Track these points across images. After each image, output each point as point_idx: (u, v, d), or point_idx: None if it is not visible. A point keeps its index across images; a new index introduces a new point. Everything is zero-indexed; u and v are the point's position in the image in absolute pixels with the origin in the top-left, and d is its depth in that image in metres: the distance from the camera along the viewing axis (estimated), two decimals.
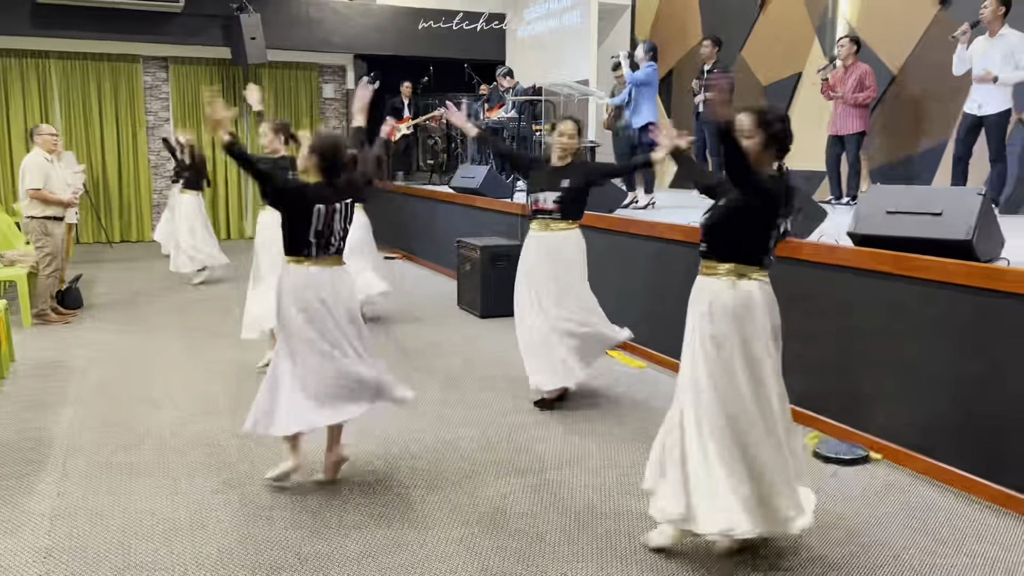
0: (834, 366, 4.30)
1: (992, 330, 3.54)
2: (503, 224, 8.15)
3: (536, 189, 4.76)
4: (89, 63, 12.36)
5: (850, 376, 4.22)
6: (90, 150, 12.52)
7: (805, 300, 4.38)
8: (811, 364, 4.34)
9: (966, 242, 3.71)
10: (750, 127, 2.89)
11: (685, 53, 10.67)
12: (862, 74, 7.21)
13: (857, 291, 4.15)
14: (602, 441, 4.32)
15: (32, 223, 6.88)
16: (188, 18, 12.07)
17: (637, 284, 5.92)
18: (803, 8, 8.88)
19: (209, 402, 4.94)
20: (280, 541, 3.20)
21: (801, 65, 8.89)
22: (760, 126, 2.89)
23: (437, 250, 10.09)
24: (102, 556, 3.08)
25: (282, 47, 12.72)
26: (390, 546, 3.17)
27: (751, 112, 2.92)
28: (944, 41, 6.91)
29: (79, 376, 5.49)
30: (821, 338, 4.34)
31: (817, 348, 4.35)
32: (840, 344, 4.26)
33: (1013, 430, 3.46)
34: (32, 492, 3.65)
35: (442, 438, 4.35)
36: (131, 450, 4.16)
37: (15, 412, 4.75)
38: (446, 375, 5.55)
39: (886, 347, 4.01)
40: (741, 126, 2.88)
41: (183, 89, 12.97)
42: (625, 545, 3.19)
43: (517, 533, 3.28)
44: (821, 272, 4.34)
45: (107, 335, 6.69)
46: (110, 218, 12.82)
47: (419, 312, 7.64)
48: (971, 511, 3.50)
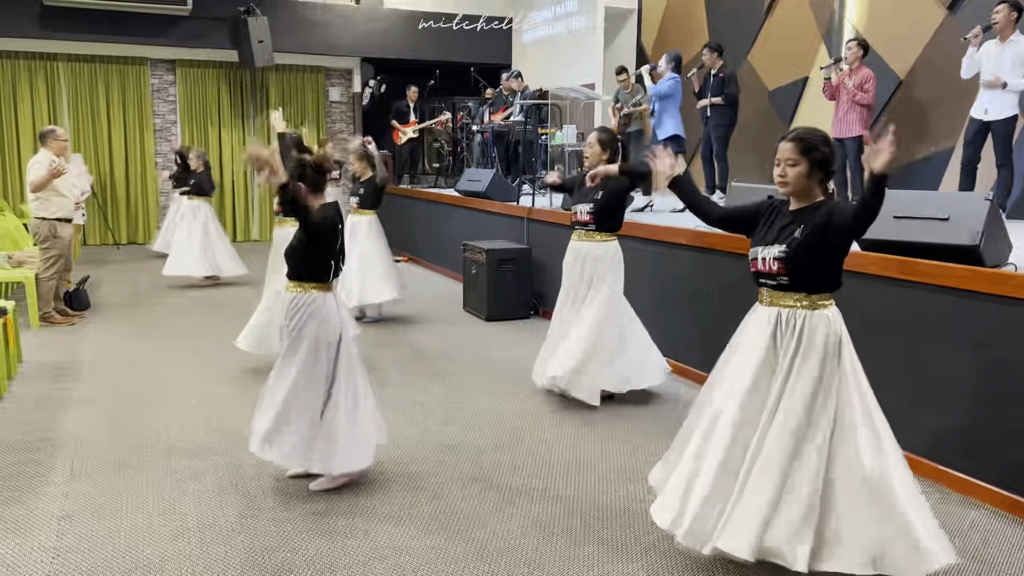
0: None
1: (999, 335, 3.53)
2: (509, 227, 8.16)
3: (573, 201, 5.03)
4: (97, 66, 12.42)
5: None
6: (98, 152, 12.58)
7: None
8: None
9: (973, 247, 3.71)
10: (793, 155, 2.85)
11: (691, 58, 10.66)
12: (864, 78, 7.22)
13: (864, 296, 4.15)
14: (610, 445, 4.32)
15: (42, 225, 6.87)
16: (195, 21, 12.13)
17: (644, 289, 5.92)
18: (809, 13, 8.88)
19: (216, 404, 4.96)
20: (287, 542, 3.21)
21: (807, 70, 8.89)
22: (803, 153, 2.84)
23: (443, 253, 10.10)
24: (110, 556, 3.10)
25: (289, 50, 12.78)
26: (397, 548, 3.18)
27: (794, 140, 2.87)
28: (951, 46, 6.91)
29: (87, 377, 5.51)
30: None
31: None
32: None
33: (1019, 435, 3.45)
34: (40, 492, 3.67)
35: (449, 441, 4.36)
36: (139, 451, 4.18)
37: (23, 413, 4.77)
38: (453, 378, 5.56)
39: (893, 352, 4.00)
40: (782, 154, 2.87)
41: (190, 92, 13.02)
42: (632, 548, 3.19)
43: (524, 536, 3.29)
44: None
45: (114, 336, 6.71)
46: (117, 220, 12.87)
47: (425, 315, 7.66)
48: (979, 517, 3.49)
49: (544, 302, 7.33)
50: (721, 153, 8.25)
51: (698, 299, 5.46)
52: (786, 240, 2.83)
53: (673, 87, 7.62)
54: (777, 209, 2.99)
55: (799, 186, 2.86)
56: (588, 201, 4.82)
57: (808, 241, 2.79)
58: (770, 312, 2.91)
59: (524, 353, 6.05)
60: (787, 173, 2.86)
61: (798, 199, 2.91)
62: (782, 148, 2.87)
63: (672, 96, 7.59)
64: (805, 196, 2.89)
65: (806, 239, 2.79)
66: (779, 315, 2.88)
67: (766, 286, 2.93)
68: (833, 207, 2.80)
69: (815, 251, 2.80)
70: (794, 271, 2.82)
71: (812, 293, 2.85)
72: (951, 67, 6.70)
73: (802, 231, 2.81)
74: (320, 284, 3.66)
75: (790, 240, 2.82)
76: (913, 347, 3.91)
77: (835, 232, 2.76)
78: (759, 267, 2.91)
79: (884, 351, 4.05)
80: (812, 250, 2.79)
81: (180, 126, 13.10)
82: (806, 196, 2.89)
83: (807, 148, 2.82)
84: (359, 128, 14.08)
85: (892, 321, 4.01)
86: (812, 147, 2.83)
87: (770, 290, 2.92)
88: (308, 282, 3.64)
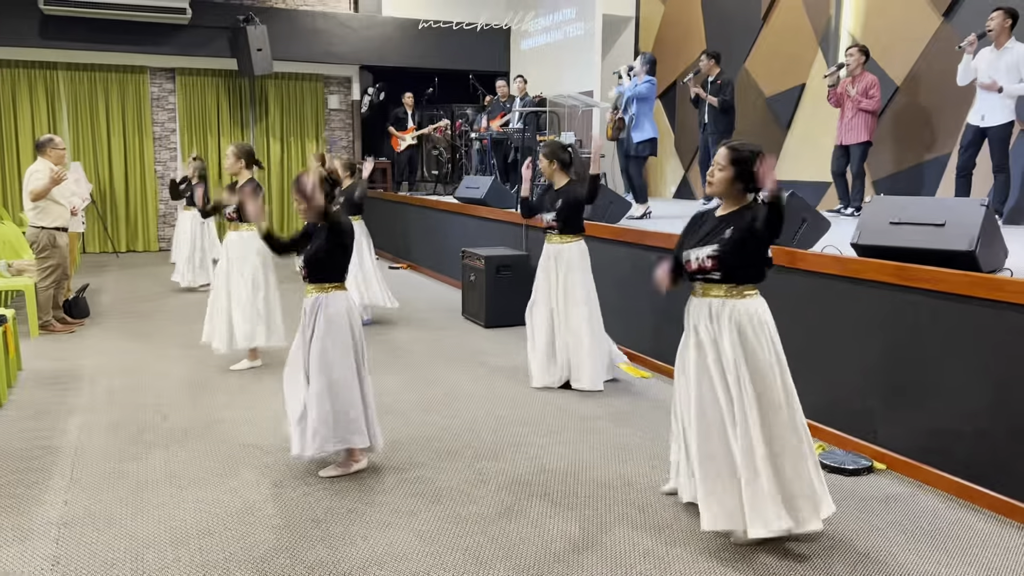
0: (837, 377, 4.31)
1: (995, 341, 3.55)
2: (507, 234, 8.18)
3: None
4: (96, 74, 12.46)
5: (854, 387, 4.23)
6: (97, 160, 12.61)
7: (808, 310, 4.40)
8: (814, 375, 4.36)
9: (969, 253, 3.72)
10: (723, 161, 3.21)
11: (689, 65, 10.71)
12: (868, 84, 7.26)
13: (860, 302, 4.17)
14: (608, 451, 4.33)
15: (41, 234, 6.87)
16: (195, 30, 12.17)
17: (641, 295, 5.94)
18: (806, 20, 8.92)
19: (215, 411, 4.96)
20: (286, 548, 3.22)
21: (804, 77, 8.93)
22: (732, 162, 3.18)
23: (442, 260, 10.12)
24: (110, 564, 3.10)
25: (288, 58, 12.82)
26: (396, 555, 3.18)
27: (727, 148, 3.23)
28: (947, 53, 6.95)
29: (86, 385, 5.52)
30: (824, 349, 4.35)
31: (820, 359, 4.36)
32: (843, 355, 4.27)
33: (1016, 440, 3.47)
34: (40, 500, 3.68)
35: (447, 447, 4.37)
36: (138, 458, 4.18)
37: (23, 421, 4.78)
38: (451, 384, 5.57)
39: (889, 358, 4.02)
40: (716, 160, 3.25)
41: (190, 100, 13.06)
42: (629, 553, 3.20)
43: (523, 543, 3.30)
44: (825, 282, 4.36)
45: (114, 344, 6.72)
46: (116, 228, 12.89)
47: (424, 321, 7.67)
48: (975, 520, 3.50)
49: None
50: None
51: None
52: (717, 240, 3.19)
53: (650, 89, 7.71)
54: (701, 219, 3.38)
55: (721, 189, 3.24)
56: (550, 210, 5.39)
57: (735, 239, 3.15)
58: (702, 302, 3.27)
59: (523, 359, 6.06)
60: (714, 175, 3.23)
61: (725, 203, 3.28)
62: (718, 153, 3.25)
63: (648, 99, 7.68)
64: (731, 200, 3.25)
65: (733, 239, 3.15)
66: (710, 304, 3.23)
67: (699, 280, 3.28)
68: (756, 212, 3.12)
69: (741, 248, 3.15)
70: (724, 266, 3.17)
71: (739, 284, 3.19)
72: (947, 74, 6.74)
73: (731, 232, 3.17)
74: (340, 284, 3.95)
75: (720, 240, 3.18)
76: (908, 352, 3.93)
77: (758, 233, 3.10)
78: (692, 267, 3.26)
79: (879, 353, 4.07)
80: (738, 248, 3.15)
81: (179, 134, 13.14)
82: (731, 200, 3.25)
83: (736, 158, 3.17)
84: (358, 135, 14.12)
85: (887, 325, 4.02)
86: (741, 158, 3.16)
87: (703, 284, 3.27)
88: (331, 283, 3.91)
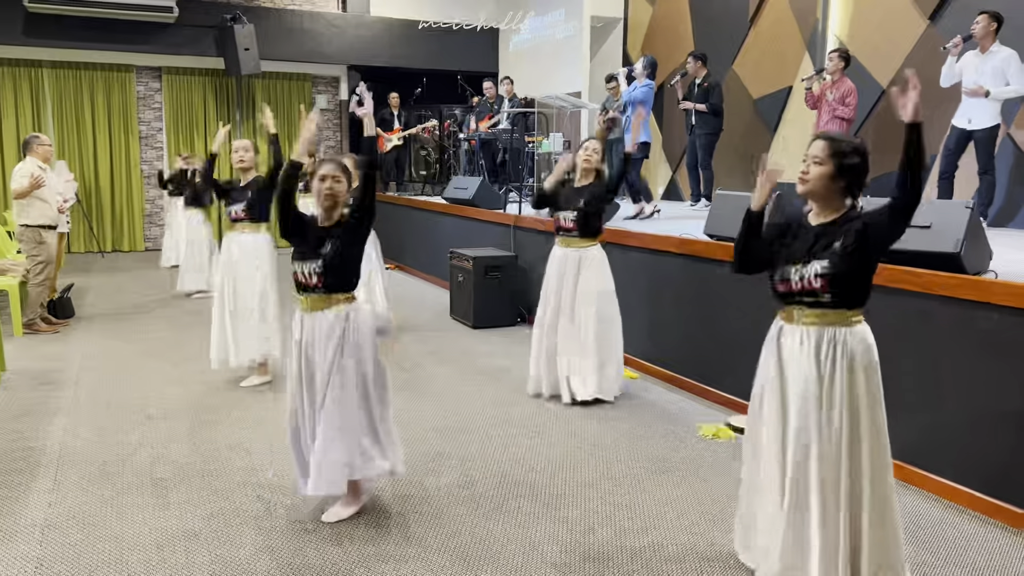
0: None
1: (980, 343, 3.57)
2: (496, 235, 8.18)
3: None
4: (82, 72, 12.37)
5: None
6: (82, 159, 12.52)
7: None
8: None
9: (954, 255, 3.75)
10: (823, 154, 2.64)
11: (677, 67, 10.74)
12: (846, 91, 7.27)
13: None
14: (600, 452, 4.33)
15: (27, 232, 6.87)
16: (182, 28, 12.10)
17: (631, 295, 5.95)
18: (793, 23, 8.97)
19: (201, 412, 4.93)
20: (272, 551, 3.20)
21: (791, 79, 8.97)
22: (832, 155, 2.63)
23: (430, 261, 10.10)
24: (94, 566, 3.08)
25: (275, 58, 12.77)
26: (383, 557, 3.17)
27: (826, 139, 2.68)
28: (933, 57, 6.99)
29: (71, 386, 5.47)
30: None
31: None
32: None
33: (1000, 441, 3.49)
34: (24, 502, 3.64)
35: (437, 449, 4.36)
36: (123, 460, 4.15)
37: (6, 422, 4.74)
38: (440, 386, 5.56)
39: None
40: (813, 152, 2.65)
41: (176, 99, 12.99)
42: (625, 562, 3.20)
43: (511, 547, 3.29)
44: None
45: (99, 345, 6.67)
46: (102, 227, 12.80)
47: (412, 322, 7.65)
48: (960, 521, 3.52)
49: (531, 310, 7.34)
50: (706, 162, 8.31)
51: (684, 305, 5.50)
52: (827, 255, 2.61)
53: (647, 93, 7.72)
54: (787, 229, 2.78)
55: (817, 187, 2.65)
56: (572, 209, 5.00)
57: (849, 253, 2.58)
58: (806, 331, 2.70)
59: (511, 361, 6.06)
60: (809, 171, 2.64)
61: (818, 208, 2.71)
62: (813, 145, 2.66)
63: (645, 103, 7.68)
64: (825, 204, 2.69)
65: (847, 251, 2.59)
66: (818, 335, 2.67)
67: (801, 304, 2.70)
68: (863, 215, 2.64)
69: (858, 263, 2.61)
70: (837, 286, 2.61)
71: (850, 309, 2.67)
72: (933, 77, 6.77)
73: (842, 244, 2.60)
74: (351, 294, 3.41)
75: (831, 255, 2.60)
76: (895, 355, 3.95)
77: (875, 239, 2.58)
78: (793, 287, 2.68)
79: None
80: (855, 262, 2.60)
81: (166, 133, 13.06)
82: (826, 205, 2.69)
83: (837, 151, 2.61)
84: (346, 135, 14.07)
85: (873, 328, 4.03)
86: (843, 152, 2.61)
87: (806, 309, 2.69)
88: (351, 292, 3.39)
